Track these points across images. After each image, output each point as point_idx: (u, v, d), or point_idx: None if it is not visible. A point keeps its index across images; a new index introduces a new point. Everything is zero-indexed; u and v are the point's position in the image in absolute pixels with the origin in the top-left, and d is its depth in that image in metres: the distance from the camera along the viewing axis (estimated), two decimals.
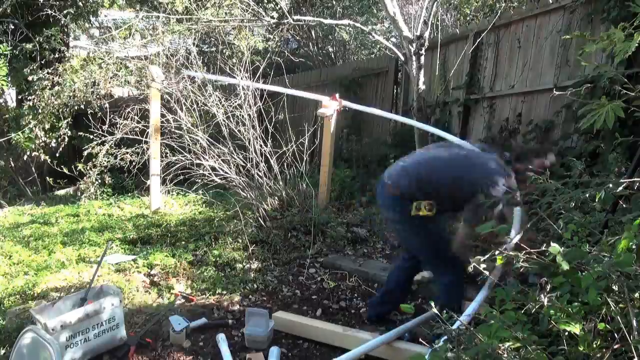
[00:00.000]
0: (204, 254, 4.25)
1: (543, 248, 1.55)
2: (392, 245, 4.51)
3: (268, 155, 4.94)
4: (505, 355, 1.38)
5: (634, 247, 1.45)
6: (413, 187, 2.70)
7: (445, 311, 1.67)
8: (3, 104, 7.69)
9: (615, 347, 1.35)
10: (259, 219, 4.71)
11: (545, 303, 1.46)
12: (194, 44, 5.56)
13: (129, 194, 7.11)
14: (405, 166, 2.85)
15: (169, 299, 3.50)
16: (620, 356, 1.38)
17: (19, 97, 8.46)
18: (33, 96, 7.12)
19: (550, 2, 5.10)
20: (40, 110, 7.07)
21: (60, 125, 7.44)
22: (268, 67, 5.53)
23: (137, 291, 3.57)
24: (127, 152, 5.73)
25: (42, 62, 7.73)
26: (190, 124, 5.05)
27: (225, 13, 5.60)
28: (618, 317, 1.38)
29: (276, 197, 4.97)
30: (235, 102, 4.93)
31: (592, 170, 3.70)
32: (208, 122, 5.23)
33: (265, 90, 5.24)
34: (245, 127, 4.82)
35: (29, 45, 7.74)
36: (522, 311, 1.57)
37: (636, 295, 1.39)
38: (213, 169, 4.79)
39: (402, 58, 5.56)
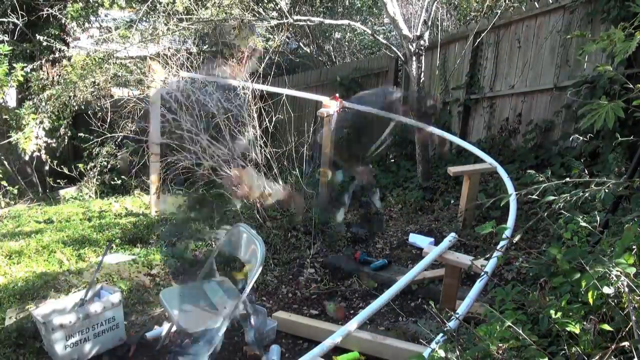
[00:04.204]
0: (204, 253, 4.25)
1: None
2: (391, 245, 4.51)
3: (268, 156, 4.94)
4: (505, 355, 1.38)
5: (634, 247, 1.45)
6: None
7: (445, 310, 1.67)
8: (3, 104, 7.67)
9: (615, 347, 1.35)
10: (259, 218, 4.71)
11: (546, 303, 1.46)
12: (194, 43, 5.56)
13: (129, 194, 7.10)
14: None
15: None
16: (620, 356, 1.38)
17: (19, 96, 8.46)
18: (33, 96, 7.13)
19: (550, 2, 5.10)
20: (40, 110, 7.07)
21: (60, 125, 7.44)
22: (268, 67, 5.53)
23: (137, 291, 3.57)
24: (127, 152, 5.74)
25: (43, 61, 7.73)
26: (190, 123, 5.05)
27: (225, 12, 5.60)
28: (618, 317, 1.38)
29: (276, 197, 4.96)
30: (235, 102, 4.92)
31: (592, 170, 3.70)
32: (208, 122, 5.23)
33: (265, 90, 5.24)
34: (245, 127, 4.81)
35: (29, 45, 7.74)
36: (522, 311, 1.57)
37: (636, 295, 1.39)
38: (214, 169, 4.79)
39: (402, 58, 5.56)
